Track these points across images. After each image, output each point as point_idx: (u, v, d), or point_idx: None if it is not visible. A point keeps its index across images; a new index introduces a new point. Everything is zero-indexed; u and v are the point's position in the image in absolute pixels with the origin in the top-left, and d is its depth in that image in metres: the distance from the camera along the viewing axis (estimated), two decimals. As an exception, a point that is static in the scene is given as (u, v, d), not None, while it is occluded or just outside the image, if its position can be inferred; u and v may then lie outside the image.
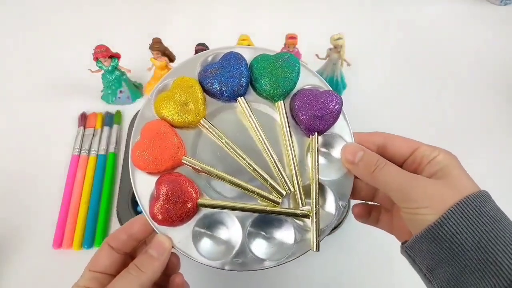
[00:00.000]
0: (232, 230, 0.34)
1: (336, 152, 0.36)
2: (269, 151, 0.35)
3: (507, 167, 0.60)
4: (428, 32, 0.77)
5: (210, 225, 0.34)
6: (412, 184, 0.30)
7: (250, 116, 0.36)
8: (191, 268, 0.37)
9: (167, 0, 0.80)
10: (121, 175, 0.55)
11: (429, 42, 0.75)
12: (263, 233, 0.34)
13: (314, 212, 0.34)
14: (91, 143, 0.60)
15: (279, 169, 0.35)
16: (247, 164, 0.35)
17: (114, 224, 0.54)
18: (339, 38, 0.57)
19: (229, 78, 0.35)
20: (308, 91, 0.36)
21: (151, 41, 0.59)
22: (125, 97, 0.64)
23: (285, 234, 0.34)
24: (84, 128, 0.62)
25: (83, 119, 0.63)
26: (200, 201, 0.33)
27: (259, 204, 0.34)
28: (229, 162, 0.35)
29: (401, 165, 0.33)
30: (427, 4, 0.81)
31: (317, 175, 0.34)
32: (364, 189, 0.38)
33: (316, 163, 0.35)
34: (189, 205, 0.33)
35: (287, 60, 0.36)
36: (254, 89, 0.37)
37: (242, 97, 0.36)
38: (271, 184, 0.34)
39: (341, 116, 0.36)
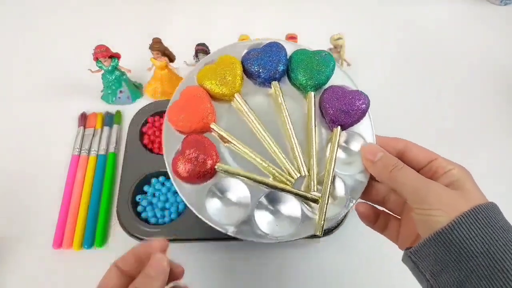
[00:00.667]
0: (243, 200, 0.36)
1: (356, 150, 0.37)
2: (292, 134, 0.37)
3: (507, 167, 0.60)
4: (428, 32, 0.77)
5: (223, 190, 0.36)
6: (428, 188, 0.31)
7: (281, 99, 0.39)
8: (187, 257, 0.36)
9: (167, 0, 0.80)
10: (121, 175, 0.55)
11: (429, 42, 0.75)
12: (271, 208, 0.36)
13: (325, 197, 0.35)
14: (91, 143, 0.60)
15: (298, 153, 0.37)
16: (268, 142, 0.37)
17: (114, 224, 0.54)
18: (339, 38, 0.57)
19: (268, 62, 0.38)
20: (339, 87, 0.38)
21: (151, 41, 0.59)
22: (125, 97, 0.64)
23: (292, 214, 0.36)
24: (84, 128, 0.62)
25: (83, 119, 0.63)
26: (218, 165, 0.36)
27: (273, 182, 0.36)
28: (252, 140, 0.38)
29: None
30: (427, 4, 0.81)
31: (333, 164, 0.36)
32: (377, 191, 0.38)
33: (334, 154, 0.36)
34: (208, 165, 0.35)
35: (323, 57, 0.39)
36: (289, 79, 0.40)
37: (276, 81, 0.39)
38: (288, 164, 0.36)
39: (366, 117, 0.38)
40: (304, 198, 0.36)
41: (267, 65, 0.38)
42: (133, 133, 0.59)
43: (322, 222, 0.35)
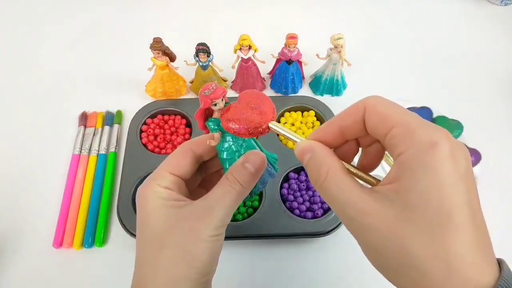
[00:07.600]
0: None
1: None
2: None
3: (508, 168, 0.60)
4: (428, 31, 0.77)
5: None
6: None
7: None
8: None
9: (167, 0, 0.80)
10: (121, 175, 0.55)
11: (429, 42, 0.75)
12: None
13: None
14: (91, 142, 0.60)
15: None
16: None
17: (115, 224, 0.54)
18: (339, 38, 0.57)
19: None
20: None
21: (152, 41, 0.59)
22: None
23: None
24: (85, 127, 0.62)
25: (84, 118, 0.63)
26: (272, 123, 0.30)
27: None
28: None
29: None
30: (427, 4, 0.81)
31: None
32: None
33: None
34: (263, 118, 0.30)
35: (456, 123, 0.59)
36: None
37: None
38: None
39: (477, 166, 0.56)
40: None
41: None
42: (134, 133, 0.59)
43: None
